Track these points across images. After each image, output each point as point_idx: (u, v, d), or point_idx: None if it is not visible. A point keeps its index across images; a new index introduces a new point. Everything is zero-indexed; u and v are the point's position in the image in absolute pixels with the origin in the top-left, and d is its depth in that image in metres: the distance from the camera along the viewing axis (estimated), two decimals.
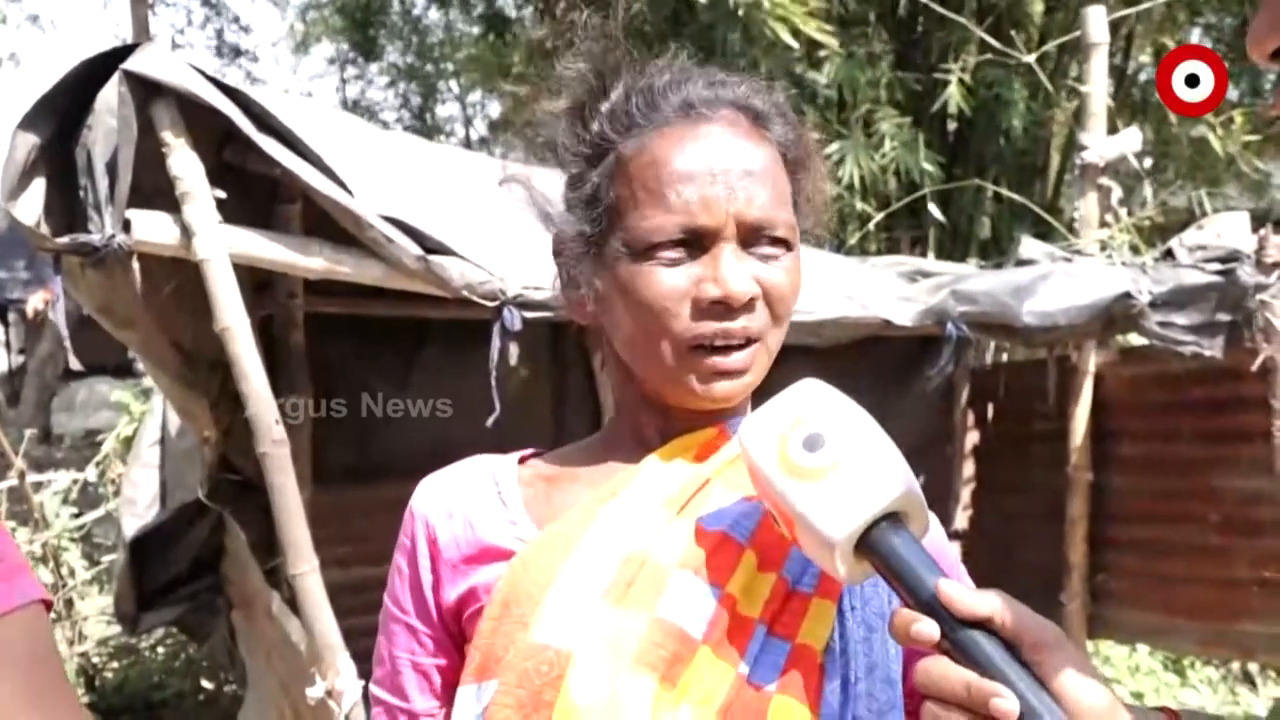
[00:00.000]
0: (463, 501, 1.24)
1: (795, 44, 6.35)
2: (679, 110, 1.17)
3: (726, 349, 1.14)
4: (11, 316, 13.97)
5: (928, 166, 6.69)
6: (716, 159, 1.14)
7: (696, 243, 1.13)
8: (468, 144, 14.86)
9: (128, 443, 6.24)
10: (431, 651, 1.23)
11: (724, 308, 1.13)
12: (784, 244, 1.17)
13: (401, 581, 1.25)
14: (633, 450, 1.24)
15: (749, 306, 1.14)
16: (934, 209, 6.27)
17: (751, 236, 1.15)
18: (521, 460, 1.30)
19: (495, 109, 15.18)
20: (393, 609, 1.26)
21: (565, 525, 1.17)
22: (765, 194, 1.15)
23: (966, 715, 0.89)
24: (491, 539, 1.20)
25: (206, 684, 6.30)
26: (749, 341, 1.15)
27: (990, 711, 0.88)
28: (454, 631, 1.22)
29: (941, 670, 0.92)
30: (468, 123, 16.43)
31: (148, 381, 7.55)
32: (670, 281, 1.13)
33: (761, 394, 1.17)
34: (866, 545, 0.99)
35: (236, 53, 13.87)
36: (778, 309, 1.17)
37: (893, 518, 0.99)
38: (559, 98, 1.24)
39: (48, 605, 1.12)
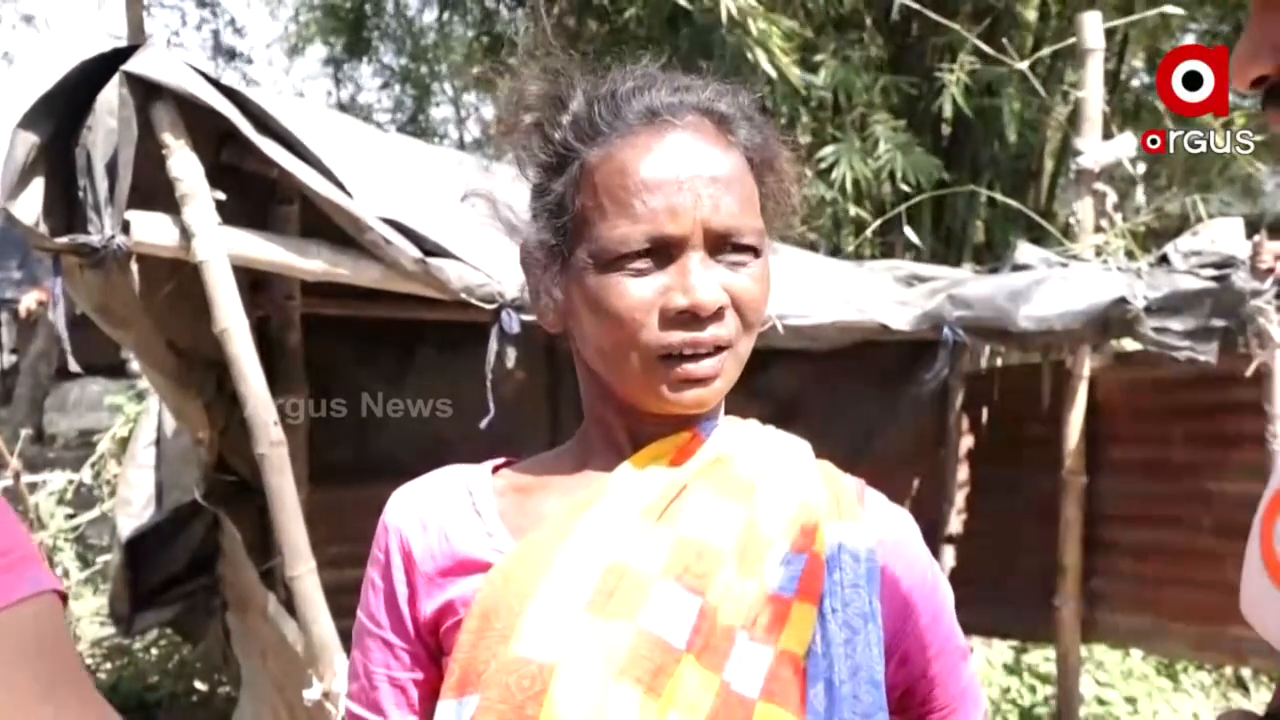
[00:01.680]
0: (437, 513, 1.22)
1: (773, 72, 6.35)
2: (643, 117, 1.16)
3: (695, 356, 1.13)
4: (4, 316, 13.93)
5: (918, 180, 6.68)
6: (682, 166, 1.13)
7: (663, 252, 1.13)
8: (461, 146, 14.85)
9: (123, 443, 6.24)
10: (407, 666, 1.22)
11: (692, 317, 1.12)
12: (752, 250, 1.16)
13: (376, 595, 1.23)
14: (606, 457, 1.23)
15: (718, 315, 1.13)
16: (908, 231, 6.27)
17: (719, 244, 1.14)
18: (495, 470, 1.29)
19: (489, 111, 15.17)
20: (367, 623, 1.24)
21: (543, 536, 1.16)
22: (732, 201, 1.14)
23: None
24: (467, 551, 1.19)
25: (200, 685, 6.29)
26: (718, 349, 1.14)
27: None
28: (430, 645, 1.21)
29: None
30: (461, 124, 16.43)
31: (141, 382, 7.54)
32: (637, 292, 1.12)
33: (754, 395, 1.17)
34: None
35: (232, 55, 13.85)
36: (747, 316, 1.16)
37: None
38: (519, 109, 1.23)
39: (63, 597, 1.12)
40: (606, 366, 1.18)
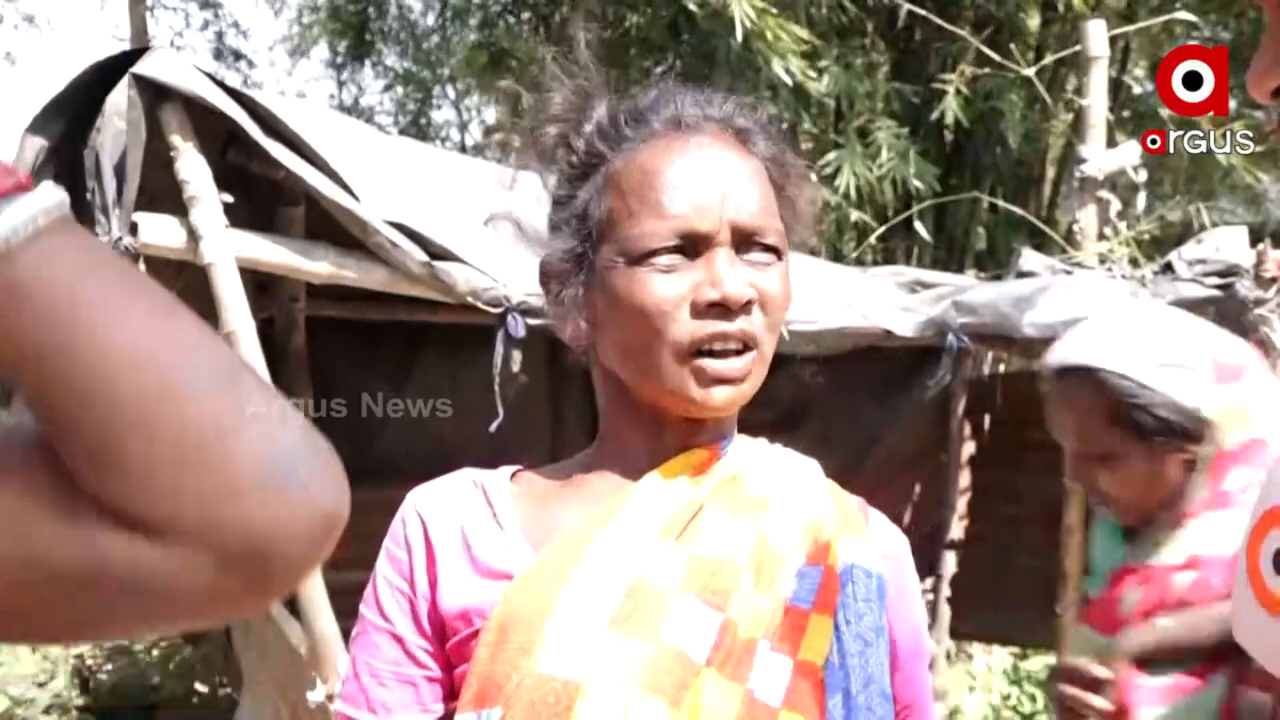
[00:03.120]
0: (458, 517, 1.22)
1: (789, 80, 6.38)
2: (668, 124, 1.20)
3: (724, 354, 1.15)
4: None
5: (918, 184, 6.69)
6: (708, 168, 1.16)
7: (691, 249, 1.15)
8: (463, 149, 14.85)
9: None
10: (420, 663, 1.21)
11: (722, 310, 1.13)
12: (775, 251, 1.18)
13: (390, 591, 1.22)
14: (624, 469, 1.23)
15: (745, 309, 1.14)
16: (919, 228, 6.28)
17: (744, 243, 1.16)
18: (513, 476, 1.29)
19: (491, 115, 15.17)
20: (376, 620, 1.23)
21: (560, 550, 1.16)
22: (756, 201, 1.17)
23: None
24: (487, 559, 1.19)
25: (201, 687, 6.29)
26: (746, 348, 1.16)
27: None
28: (442, 645, 1.20)
29: None
30: (463, 127, 16.41)
31: None
32: (668, 287, 1.14)
33: (756, 401, 1.18)
34: None
35: (235, 56, 13.84)
36: (772, 315, 1.18)
37: None
38: (545, 122, 1.25)
39: None
40: (633, 367, 1.19)
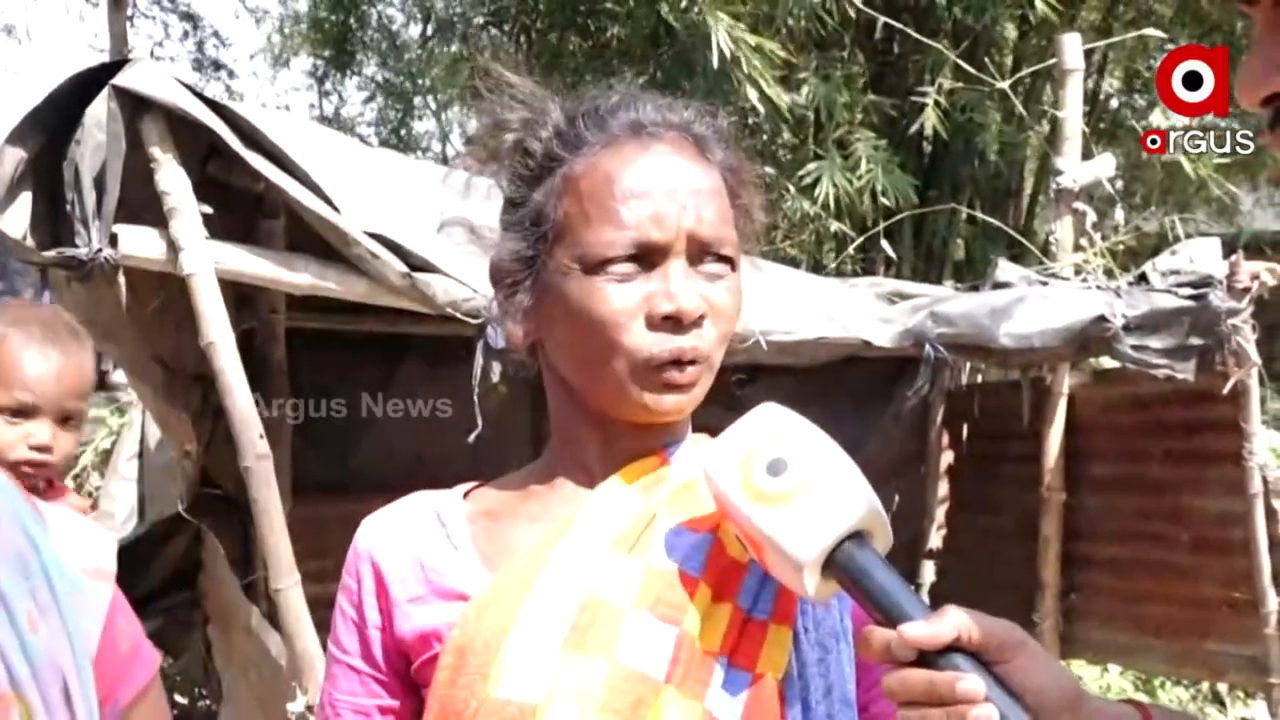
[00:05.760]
0: (410, 541, 1.22)
1: (761, 109, 6.44)
2: (628, 129, 1.18)
3: (679, 364, 1.14)
4: None
5: (895, 197, 6.75)
6: (667, 176, 1.15)
7: (647, 258, 1.13)
8: (444, 160, 14.83)
9: (105, 455, 6.21)
10: (373, 693, 1.21)
11: (676, 323, 1.12)
12: (729, 263, 1.17)
13: (345, 622, 1.23)
14: (575, 476, 1.23)
15: (698, 323, 1.14)
16: (886, 245, 6.36)
17: (700, 254, 1.15)
18: (466, 494, 1.28)
19: (472, 125, 15.16)
20: (335, 651, 1.24)
21: (516, 570, 1.16)
22: (713, 212, 1.16)
23: (940, 712, 0.94)
24: (442, 581, 1.19)
25: (180, 699, 6.25)
26: (696, 359, 1.15)
27: (958, 697, 0.93)
28: (401, 672, 1.21)
29: (903, 678, 0.97)
30: (444, 138, 16.40)
31: (122, 395, 7.51)
32: (622, 298, 1.13)
33: (735, 410, 1.19)
34: (833, 564, 1.02)
35: (216, 66, 13.82)
36: (721, 328, 1.17)
37: (857, 536, 1.03)
38: (499, 132, 1.24)
39: None
40: (585, 374, 1.19)
